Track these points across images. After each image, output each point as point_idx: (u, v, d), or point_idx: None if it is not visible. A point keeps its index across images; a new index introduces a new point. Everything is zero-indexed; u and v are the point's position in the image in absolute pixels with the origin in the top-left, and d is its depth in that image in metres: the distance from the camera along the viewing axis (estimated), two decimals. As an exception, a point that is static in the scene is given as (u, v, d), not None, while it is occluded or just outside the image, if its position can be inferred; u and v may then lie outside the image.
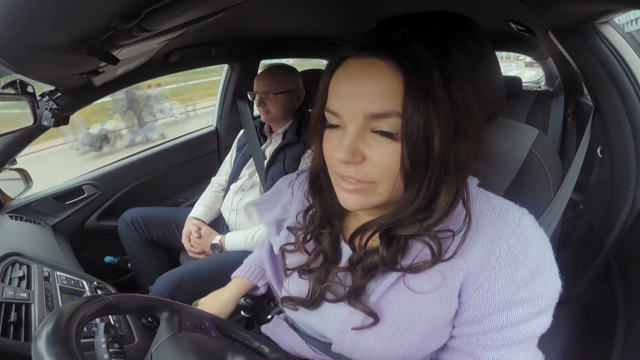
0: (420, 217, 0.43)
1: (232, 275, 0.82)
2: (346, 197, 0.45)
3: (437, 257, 0.43)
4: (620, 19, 0.97)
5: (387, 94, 0.40)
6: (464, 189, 0.44)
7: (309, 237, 0.55)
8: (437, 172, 0.42)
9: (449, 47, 0.42)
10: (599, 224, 0.98)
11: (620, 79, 0.87)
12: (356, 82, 0.41)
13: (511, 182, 0.60)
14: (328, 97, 0.44)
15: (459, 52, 0.45)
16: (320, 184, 0.53)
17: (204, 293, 1.10)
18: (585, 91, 1.61)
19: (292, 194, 0.63)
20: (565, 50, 0.96)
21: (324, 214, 0.54)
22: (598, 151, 1.06)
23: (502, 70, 0.61)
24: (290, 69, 1.31)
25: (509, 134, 0.62)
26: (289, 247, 0.58)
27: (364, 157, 0.42)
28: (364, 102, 0.41)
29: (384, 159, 0.41)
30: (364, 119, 0.41)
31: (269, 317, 0.84)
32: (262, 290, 0.80)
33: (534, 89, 2.05)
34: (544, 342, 0.46)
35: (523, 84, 1.72)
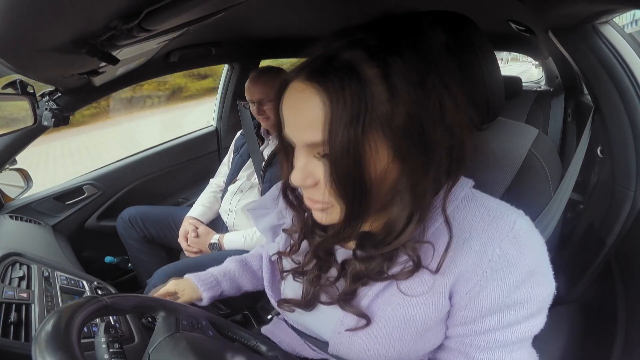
0: (380, 236, 0.44)
1: (186, 276, 0.76)
2: (315, 214, 0.47)
3: (417, 267, 0.43)
4: (621, 19, 0.97)
5: (315, 125, 0.39)
6: (424, 213, 0.42)
7: (295, 247, 0.56)
8: (383, 196, 0.42)
9: (407, 48, 0.39)
10: (599, 223, 0.98)
11: (620, 79, 0.87)
12: (292, 111, 0.42)
13: (511, 182, 0.60)
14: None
15: (423, 54, 0.41)
16: (294, 199, 0.54)
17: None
18: (585, 91, 1.61)
19: None
20: (565, 50, 0.96)
21: (307, 224, 0.54)
22: (598, 151, 1.06)
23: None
24: (280, 70, 1.28)
25: (508, 133, 0.62)
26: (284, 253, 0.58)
27: (316, 180, 0.43)
28: (300, 132, 0.42)
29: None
30: (305, 146, 0.42)
31: (269, 317, 0.84)
32: (204, 302, 0.74)
33: (534, 88, 2.05)
34: (544, 342, 0.46)
35: (523, 84, 1.72)
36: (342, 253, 0.53)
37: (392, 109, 0.37)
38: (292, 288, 0.58)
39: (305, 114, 0.40)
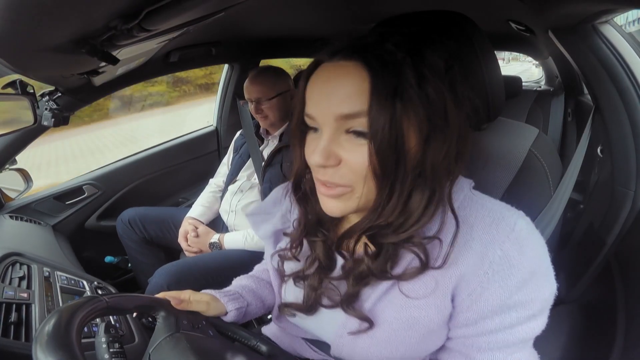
0: (397, 223, 0.43)
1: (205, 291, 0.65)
2: (327, 203, 0.46)
3: (424, 266, 0.43)
4: (620, 19, 0.97)
5: (355, 95, 0.40)
6: (442, 194, 0.43)
7: (296, 244, 0.55)
8: (412, 175, 0.42)
9: (428, 45, 0.42)
10: (599, 223, 0.98)
11: (620, 79, 0.87)
12: (327, 84, 0.42)
13: (511, 182, 0.60)
14: (305, 102, 0.45)
15: (442, 51, 0.44)
16: (304, 190, 0.53)
17: (203, 287, 1.10)
18: (585, 91, 1.61)
19: (291, 202, 0.62)
20: (565, 50, 0.96)
21: (311, 220, 0.53)
22: (598, 151, 1.06)
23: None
24: (278, 71, 1.29)
25: (508, 133, 0.62)
26: (286, 254, 0.57)
27: (340, 159, 0.42)
28: (334, 104, 0.41)
29: (358, 159, 0.41)
30: (336, 120, 0.42)
31: (269, 317, 0.84)
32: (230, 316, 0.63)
33: (534, 88, 2.05)
34: (544, 342, 0.46)
35: (523, 84, 1.72)
36: (344, 255, 0.52)
37: (423, 91, 0.40)
38: (292, 292, 0.57)
39: (346, 86, 0.41)
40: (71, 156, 6.23)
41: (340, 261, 0.52)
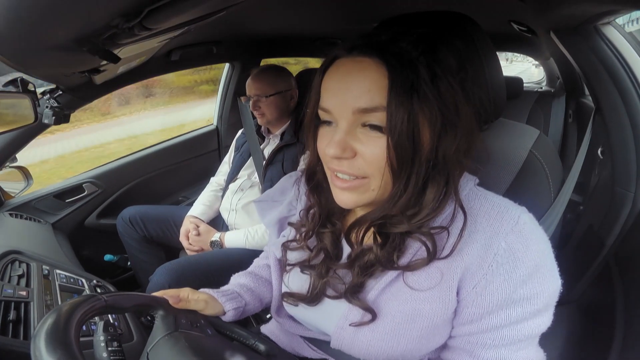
0: (410, 213, 0.44)
1: (202, 290, 0.64)
2: (341, 195, 0.47)
3: (432, 256, 0.44)
4: (621, 18, 0.97)
5: (373, 90, 0.41)
6: (454, 186, 0.44)
7: (310, 234, 0.56)
8: (425, 167, 0.43)
9: (439, 45, 0.43)
10: (599, 224, 0.98)
11: (622, 80, 0.87)
12: (345, 78, 0.43)
13: (511, 183, 0.60)
14: (320, 95, 0.46)
15: (452, 51, 0.46)
16: (316, 182, 0.54)
17: (204, 286, 1.10)
18: (587, 92, 1.60)
19: (299, 190, 0.63)
20: (567, 51, 0.95)
21: (323, 212, 0.54)
22: (599, 152, 1.06)
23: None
24: (280, 70, 1.30)
25: (509, 134, 0.62)
26: (291, 244, 0.58)
27: (355, 152, 0.44)
28: (352, 98, 0.42)
29: (373, 152, 0.43)
30: (353, 114, 0.43)
31: (268, 316, 0.84)
32: (228, 316, 0.63)
33: (535, 89, 2.05)
34: (543, 342, 0.46)
35: (524, 84, 1.72)
36: (352, 244, 0.52)
37: (436, 88, 0.42)
38: (297, 281, 0.58)
39: (364, 81, 0.42)
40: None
41: (346, 251, 0.53)
